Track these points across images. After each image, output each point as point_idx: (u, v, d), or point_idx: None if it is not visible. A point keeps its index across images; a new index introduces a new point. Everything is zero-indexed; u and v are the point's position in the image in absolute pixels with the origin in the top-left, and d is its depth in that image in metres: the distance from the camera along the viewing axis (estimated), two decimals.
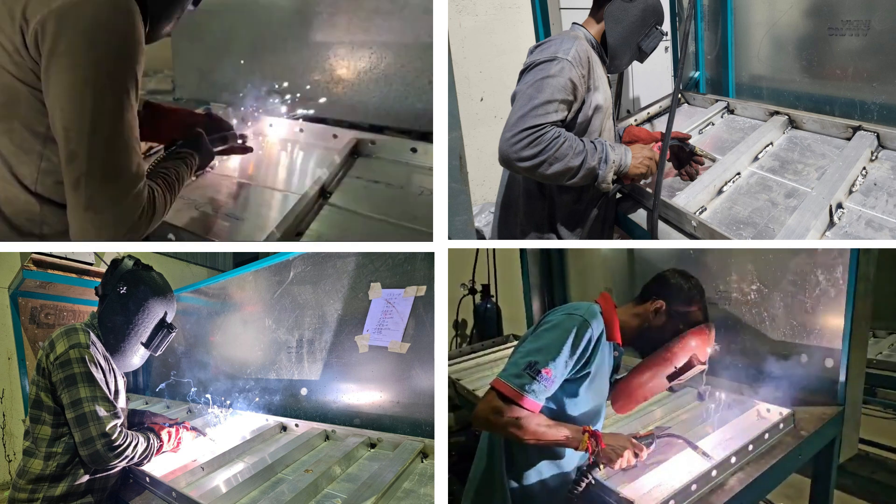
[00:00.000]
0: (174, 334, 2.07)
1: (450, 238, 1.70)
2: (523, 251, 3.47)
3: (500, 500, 1.55)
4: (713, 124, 2.70)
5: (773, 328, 1.97)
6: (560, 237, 2.14)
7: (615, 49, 1.98)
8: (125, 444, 1.78)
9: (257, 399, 2.54)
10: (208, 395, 2.52)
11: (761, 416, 1.75)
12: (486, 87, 3.56)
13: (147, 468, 1.91)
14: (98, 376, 1.81)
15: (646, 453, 1.47)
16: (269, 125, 2.65)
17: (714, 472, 1.41)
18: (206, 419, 2.40)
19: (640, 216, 2.12)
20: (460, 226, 1.65)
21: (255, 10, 2.71)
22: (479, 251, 4.23)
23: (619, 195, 2.20)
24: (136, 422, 2.12)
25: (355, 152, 2.44)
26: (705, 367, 1.61)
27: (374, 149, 2.43)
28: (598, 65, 1.95)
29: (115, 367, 1.96)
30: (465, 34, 3.46)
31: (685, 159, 2.22)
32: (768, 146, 2.33)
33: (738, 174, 2.16)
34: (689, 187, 2.09)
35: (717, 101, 2.83)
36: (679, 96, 2.83)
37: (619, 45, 1.97)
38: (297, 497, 1.51)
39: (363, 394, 2.14)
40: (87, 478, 1.83)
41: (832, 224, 1.78)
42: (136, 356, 2.01)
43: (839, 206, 1.84)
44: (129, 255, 2.04)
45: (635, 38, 1.98)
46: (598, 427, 1.57)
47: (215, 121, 2.18)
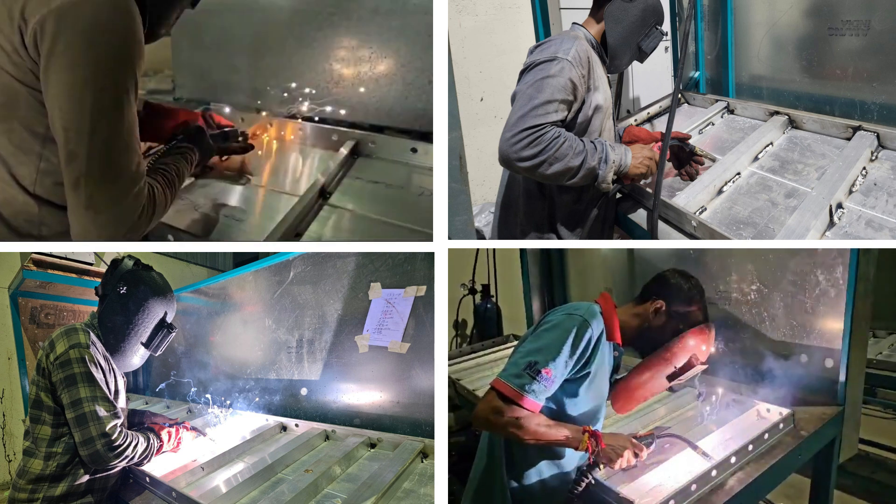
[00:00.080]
0: (174, 334, 2.07)
1: (450, 238, 1.70)
2: (523, 251, 3.47)
3: (500, 500, 1.55)
4: (713, 124, 2.70)
5: (773, 328, 1.97)
6: (560, 237, 2.14)
7: (615, 49, 1.98)
8: (125, 444, 1.78)
9: (257, 399, 2.54)
10: (208, 395, 2.52)
11: (761, 416, 1.75)
12: (486, 87, 3.56)
13: (147, 468, 1.91)
14: (98, 376, 1.81)
15: (646, 453, 1.47)
16: (269, 125, 2.65)
17: (714, 472, 1.41)
18: (206, 419, 2.40)
19: (640, 216, 2.12)
20: (460, 226, 1.65)
21: (255, 9, 2.71)
22: (479, 251, 4.23)
23: (619, 195, 2.20)
24: (136, 422, 2.12)
25: (355, 152, 2.44)
26: (705, 367, 1.61)
27: (375, 149, 2.43)
28: (598, 65, 1.96)
29: (115, 367, 1.96)
30: (465, 34, 3.46)
31: (685, 159, 2.22)
32: (768, 146, 2.33)
33: (738, 174, 2.16)
34: (689, 187, 2.09)
35: (717, 101, 2.82)
36: (679, 96, 2.83)
37: (619, 45, 1.97)
38: (297, 497, 1.51)
39: (363, 394, 2.14)
40: (87, 478, 1.83)
41: (832, 224, 1.78)
42: (136, 356, 2.01)
43: (839, 206, 1.84)
44: (129, 255, 2.04)
45: (635, 38, 1.98)
46: (598, 427, 1.57)
47: (216, 120, 2.20)
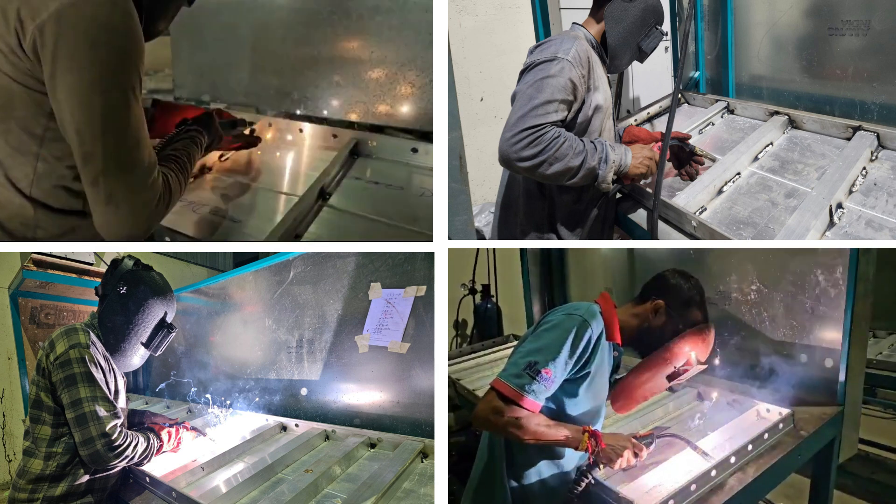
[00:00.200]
0: (174, 334, 2.07)
1: (450, 238, 1.70)
2: (523, 251, 3.47)
3: (500, 500, 1.55)
4: (713, 124, 2.70)
5: (773, 328, 1.97)
6: (560, 237, 2.14)
7: (615, 49, 1.98)
8: (125, 444, 1.78)
9: (257, 399, 2.54)
10: (208, 395, 2.52)
11: (761, 416, 1.75)
12: (486, 87, 3.56)
13: (147, 468, 1.91)
14: (98, 376, 1.81)
15: (646, 453, 1.47)
16: (269, 124, 2.65)
17: (713, 472, 1.42)
18: (206, 419, 2.40)
19: (640, 216, 2.12)
20: (460, 226, 1.65)
21: (255, 9, 2.71)
22: (479, 251, 4.23)
23: (619, 195, 2.20)
24: (136, 422, 2.12)
25: (355, 152, 2.43)
26: (705, 367, 1.61)
27: (375, 149, 2.43)
28: (598, 65, 1.95)
29: (115, 367, 1.96)
30: (465, 34, 3.46)
31: (685, 159, 2.22)
32: (768, 146, 2.33)
33: (738, 174, 2.16)
34: (689, 187, 2.09)
35: (717, 101, 2.82)
36: (679, 96, 2.83)
37: (619, 45, 1.97)
38: (297, 497, 1.51)
39: (363, 394, 2.14)
40: (87, 478, 1.83)
41: (832, 224, 1.78)
42: (136, 356, 2.01)
43: (839, 206, 1.84)
44: (129, 255, 2.04)
45: (635, 38, 1.98)
46: (598, 427, 1.57)
47: (224, 115, 2.28)
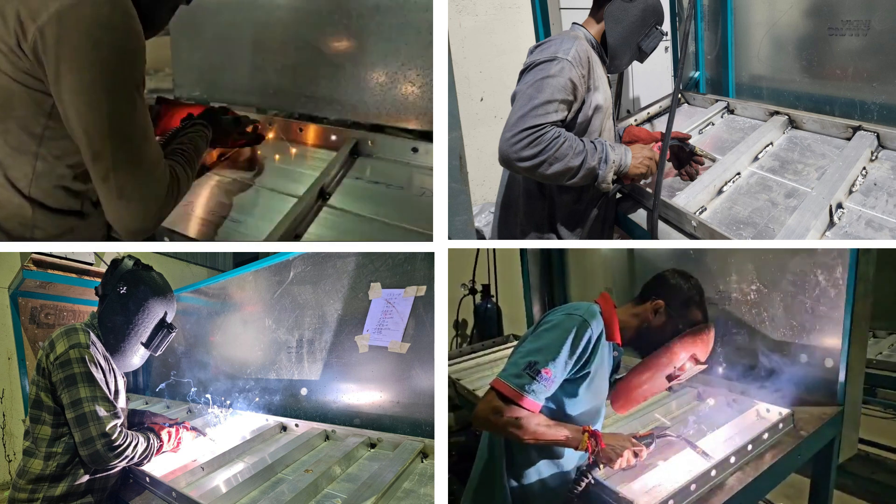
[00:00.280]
0: (174, 334, 2.07)
1: (450, 238, 1.70)
2: (523, 251, 3.47)
3: (500, 500, 1.55)
4: (713, 124, 2.70)
5: (773, 328, 1.97)
6: (560, 237, 2.14)
7: (615, 49, 1.98)
8: (125, 444, 1.78)
9: (257, 399, 2.54)
10: (208, 395, 2.52)
11: (761, 416, 1.76)
12: (486, 87, 3.56)
13: (147, 468, 1.91)
14: (98, 376, 1.81)
15: (645, 453, 1.47)
16: (269, 124, 2.65)
17: (713, 472, 1.42)
18: (206, 419, 2.40)
19: (640, 216, 2.12)
20: (460, 226, 1.65)
21: (255, 8, 2.71)
22: (480, 251, 4.23)
23: (619, 195, 2.20)
24: (136, 422, 2.12)
25: (355, 152, 2.43)
26: (705, 367, 1.61)
27: (375, 149, 2.42)
28: (598, 65, 1.96)
29: (115, 367, 1.96)
30: (465, 34, 3.46)
31: (685, 159, 2.22)
32: (768, 146, 2.33)
33: (738, 174, 2.16)
34: (689, 187, 2.09)
35: (717, 101, 2.82)
36: (679, 96, 2.83)
37: (619, 45, 1.97)
38: (297, 497, 1.51)
39: (363, 394, 2.14)
40: (87, 478, 1.83)
41: (832, 224, 1.78)
42: (136, 356, 2.01)
43: (839, 206, 1.84)
44: (129, 255, 2.04)
45: (635, 38, 1.98)
46: (597, 427, 1.57)
47: (229, 112, 2.32)
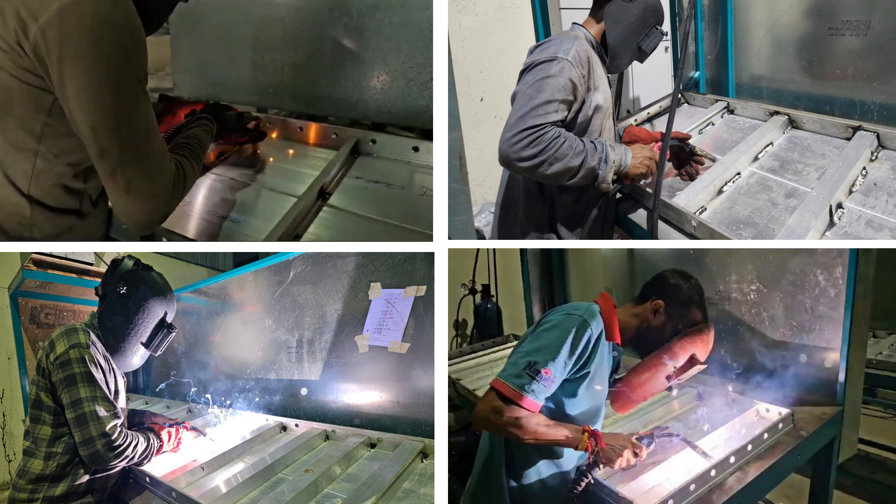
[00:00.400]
0: (174, 334, 2.07)
1: (450, 238, 1.70)
2: (523, 251, 3.47)
3: (499, 500, 1.55)
4: (713, 124, 2.70)
5: (773, 328, 1.97)
6: (560, 237, 2.14)
7: (615, 49, 1.98)
8: (125, 444, 1.78)
9: (257, 399, 2.54)
10: (208, 395, 2.52)
11: (760, 416, 1.76)
12: (486, 87, 3.56)
13: (147, 468, 1.91)
14: (98, 376, 1.81)
15: (645, 453, 1.47)
16: (269, 123, 2.65)
17: (713, 472, 1.42)
18: (206, 419, 2.40)
19: (640, 216, 2.12)
20: (460, 226, 1.65)
21: (255, 7, 2.70)
22: (480, 251, 4.23)
23: (619, 195, 2.20)
24: (136, 422, 2.12)
25: (355, 151, 2.42)
26: (704, 367, 1.61)
27: (375, 148, 2.42)
28: (598, 65, 1.96)
29: (115, 367, 1.96)
30: (465, 34, 3.46)
31: (685, 159, 2.22)
32: (768, 146, 2.33)
33: (738, 174, 2.16)
34: (689, 187, 2.09)
35: (717, 101, 2.82)
36: (679, 96, 2.83)
37: (619, 45, 1.97)
38: (297, 497, 1.51)
39: (363, 394, 2.14)
40: (87, 478, 1.83)
41: (832, 224, 1.78)
42: (136, 356, 2.01)
43: (839, 206, 1.84)
44: (129, 255, 2.04)
45: (635, 38, 1.98)
46: (597, 427, 1.57)
47: (232, 109, 2.34)
